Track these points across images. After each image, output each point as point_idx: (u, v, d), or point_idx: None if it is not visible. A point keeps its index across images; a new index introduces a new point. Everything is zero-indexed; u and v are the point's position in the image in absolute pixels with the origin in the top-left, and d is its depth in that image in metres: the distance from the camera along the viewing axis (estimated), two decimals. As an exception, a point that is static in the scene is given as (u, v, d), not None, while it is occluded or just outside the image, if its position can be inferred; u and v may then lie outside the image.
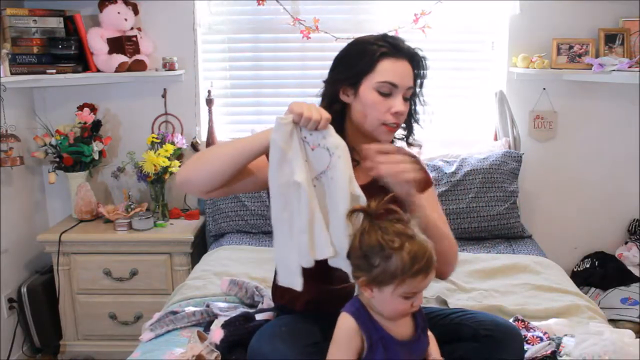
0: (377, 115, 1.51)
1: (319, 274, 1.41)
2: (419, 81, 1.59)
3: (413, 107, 1.63)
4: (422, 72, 1.58)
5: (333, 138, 1.36)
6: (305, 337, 1.42)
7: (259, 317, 1.73)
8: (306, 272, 1.39)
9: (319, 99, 1.61)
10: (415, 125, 1.67)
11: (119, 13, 2.69)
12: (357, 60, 1.53)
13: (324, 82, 1.60)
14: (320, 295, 1.52)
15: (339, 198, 1.33)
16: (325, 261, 1.37)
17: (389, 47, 1.52)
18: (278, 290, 1.70)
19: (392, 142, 1.67)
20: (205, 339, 1.67)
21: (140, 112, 2.95)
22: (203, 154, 1.52)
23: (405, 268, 1.22)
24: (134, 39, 2.73)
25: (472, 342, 1.45)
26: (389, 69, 1.50)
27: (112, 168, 2.94)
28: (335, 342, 1.30)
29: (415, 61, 1.56)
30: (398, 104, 1.50)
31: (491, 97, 2.92)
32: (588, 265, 2.87)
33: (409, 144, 1.68)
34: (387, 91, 1.50)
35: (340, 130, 1.59)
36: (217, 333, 1.64)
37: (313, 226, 1.34)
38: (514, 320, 1.79)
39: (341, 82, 1.54)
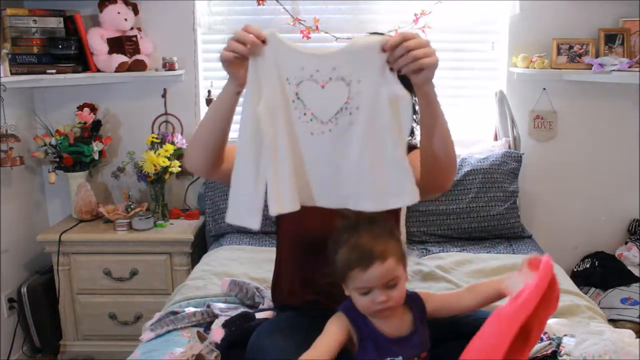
0: None
1: (317, 272, 1.41)
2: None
3: None
4: None
5: (347, 62, 1.22)
6: (304, 331, 1.41)
7: (258, 316, 1.73)
8: (305, 271, 1.39)
9: None
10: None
11: (119, 13, 2.69)
12: None
13: None
14: (318, 291, 1.53)
15: (377, 126, 1.23)
16: (322, 259, 1.37)
17: None
18: (277, 288, 1.71)
19: None
20: (205, 339, 1.66)
21: (140, 112, 2.94)
22: (194, 133, 1.51)
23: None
24: (134, 39, 2.73)
25: (470, 339, 1.45)
26: None
27: (112, 168, 2.94)
28: (322, 333, 1.31)
29: None
30: None
31: (491, 97, 2.92)
32: (588, 265, 2.87)
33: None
34: None
35: None
36: (217, 332, 1.64)
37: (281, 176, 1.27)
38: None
39: None
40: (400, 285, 1.28)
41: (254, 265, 2.25)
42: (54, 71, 2.57)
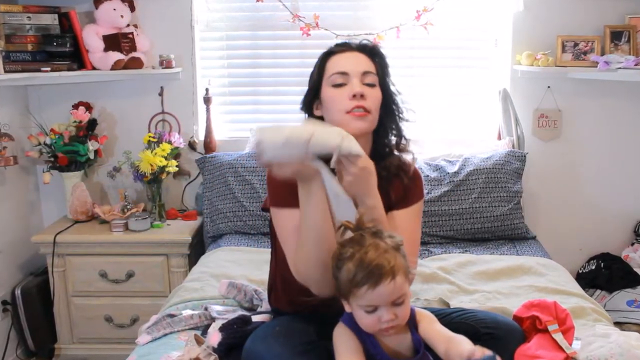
0: (338, 107, 1.49)
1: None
2: (387, 72, 1.57)
3: (392, 105, 1.59)
4: (381, 60, 1.56)
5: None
6: (299, 336, 1.41)
7: (255, 319, 1.72)
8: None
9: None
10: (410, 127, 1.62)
11: (114, 10, 2.67)
12: (313, 72, 1.58)
13: (301, 109, 1.63)
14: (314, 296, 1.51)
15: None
16: None
17: (337, 46, 1.57)
18: (273, 292, 1.70)
19: (387, 149, 1.61)
20: (203, 342, 1.65)
21: (137, 110, 2.92)
22: (301, 255, 1.41)
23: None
24: (130, 36, 2.71)
25: (473, 341, 1.43)
26: (336, 62, 1.53)
27: (108, 168, 2.91)
28: (338, 354, 1.28)
29: (368, 50, 1.55)
30: (354, 86, 1.48)
31: (495, 95, 2.89)
32: (593, 267, 2.85)
33: (400, 150, 1.62)
34: (340, 82, 1.50)
35: None
36: (214, 336, 1.62)
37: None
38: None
39: (309, 99, 1.58)
40: (406, 302, 1.25)
41: (252, 267, 2.23)
42: (48, 69, 2.56)
